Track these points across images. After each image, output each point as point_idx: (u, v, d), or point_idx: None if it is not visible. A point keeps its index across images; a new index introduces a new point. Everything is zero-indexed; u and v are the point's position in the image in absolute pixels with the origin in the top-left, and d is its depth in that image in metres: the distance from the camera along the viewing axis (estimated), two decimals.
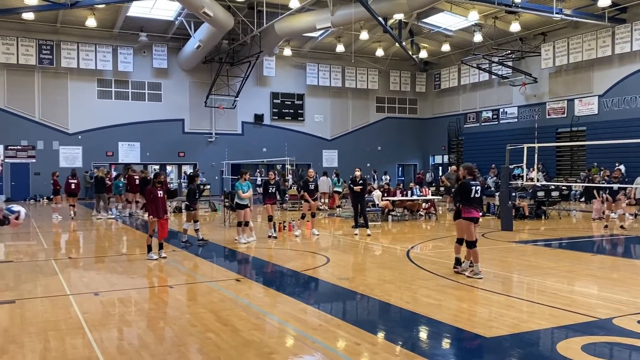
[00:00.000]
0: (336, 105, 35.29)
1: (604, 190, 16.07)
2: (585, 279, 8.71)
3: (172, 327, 6.10)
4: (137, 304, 7.21)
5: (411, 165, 38.17)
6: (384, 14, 23.96)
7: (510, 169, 16.76)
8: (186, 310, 6.78)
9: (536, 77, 29.72)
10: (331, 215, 19.56)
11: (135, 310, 6.89)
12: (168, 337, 5.76)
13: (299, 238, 13.64)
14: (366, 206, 15.26)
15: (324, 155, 34.73)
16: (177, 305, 7.08)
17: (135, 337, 5.76)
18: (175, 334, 5.84)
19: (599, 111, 26.85)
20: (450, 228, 15.61)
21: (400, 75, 36.77)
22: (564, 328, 5.90)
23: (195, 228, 12.98)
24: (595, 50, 26.32)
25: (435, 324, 6.15)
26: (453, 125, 35.31)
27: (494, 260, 10.32)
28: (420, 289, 7.88)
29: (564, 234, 14.61)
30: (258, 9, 25.27)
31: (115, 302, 7.25)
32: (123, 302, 7.28)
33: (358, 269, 9.68)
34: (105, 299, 7.32)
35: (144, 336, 5.78)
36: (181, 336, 5.74)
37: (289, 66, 33.50)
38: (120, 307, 7.01)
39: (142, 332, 5.92)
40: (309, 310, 6.82)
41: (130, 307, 7.05)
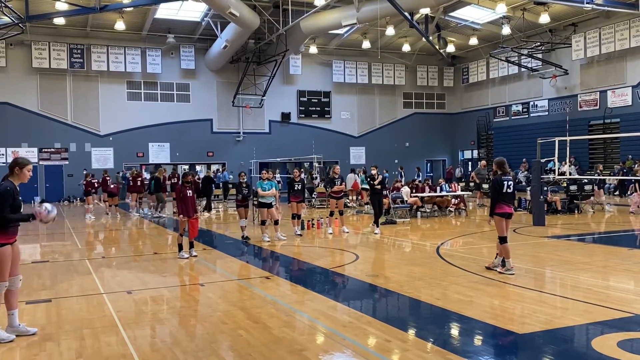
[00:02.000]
0: (363, 102, 35.18)
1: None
2: (620, 274, 8.51)
3: (203, 324, 6.17)
4: (169, 302, 7.31)
5: (440, 160, 37.83)
6: (409, 9, 23.76)
7: (542, 163, 16.48)
8: (217, 307, 6.85)
9: (567, 69, 29.13)
10: (359, 213, 19.51)
11: (167, 308, 6.99)
12: (200, 335, 5.82)
13: (331, 235, 13.63)
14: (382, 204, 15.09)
15: (352, 153, 34.67)
16: (208, 303, 7.16)
17: (167, 335, 5.84)
18: (206, 331, 5.91)
19: (633, 102, 26.19)
20: (480, 224, 15.43)
21: (428, 70, 36.44)
22: (599, 324, 5.78)
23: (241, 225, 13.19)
24: (628, 40, 25.66)
25: (466, 320, 6.09)
26: (482, 120, 34.86)
27: (526, 255, 10.16)
28: (451, 285, 7.80)
29: (598, 228, 14.30)
30: (283, 7, 25.32)
31: (147, 300, 7.36)
32: (155, 300, 7.39)
33: (387, 266, 9.64)
34: (138, 298, 7.45)
35: (176, 334, 5.86)
36: (212, 333, 5.80)
37: (315, 64, 33.52)
38: (152, 305, 7.12)
39: (174, 330, 6.00)
40: (338, 308, 6.82)
41: (163, 305, 7.15)
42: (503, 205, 8.50)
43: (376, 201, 14.10)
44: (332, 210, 14.30)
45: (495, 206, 8.54)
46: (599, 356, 4.85)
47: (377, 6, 23.50)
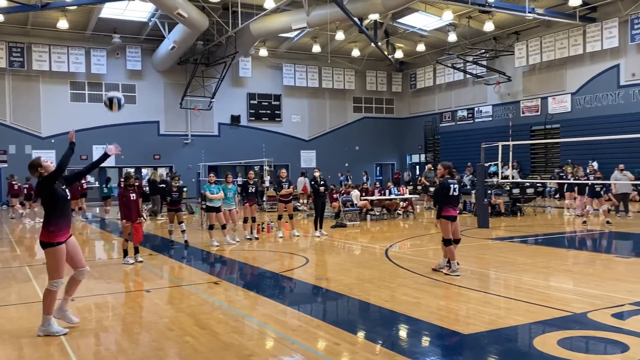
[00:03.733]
0: (313, 106, 35.30)
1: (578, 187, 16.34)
2: (561, 275, 8.84)
3: (149, 331, 6.03)
4: (113, 309, 7.10)
5: (389, 164, 38.36)
6: (359, 14, 24.03)
7: (486, 167, 16.96)
8: (163, 314, 6.70)
9: (510, 76, 30.10)
10: (310, 216, 19.54)
11: (112, 315, 6.79)
12: (145, 342, 5.68)
13: (281, 239, 13.59)
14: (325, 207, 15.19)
15: (302, 156, 34.71)
16: (154, 310, 6.99)
17: (112, 343, 5.68)
18: (152, 338, 5.77)
19: (572, 109, 27.31)
20: (427, 226, 15.72)
21: (377, 76, 36.93)
22: (541, 323, 5.97)
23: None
24: (567, 49, 26.76)
25: (414, 322, 6.18)
26: (429, 125, 35.58)
27: (471, 257, 10.41)
28: (399, 287, 7.91)
29: (540, 230, 14.81)
30: (233, 9, 25.14)
31: (91, 307, 7.13)
32: (99, 307, 7.17)
33: (337, 269, 9.68)
34: (82, 305, 7.20)
35: (121, 341, 5.70)
36: (159, 340, 5.67)
37: (265, 67, 33.41)
38: (96, 312, 6.90)
39: (119, 337, 5.84)
40: (288, 312, 6.79)
41: (107, 312, 6.94)
42: (449, 208, 8.67)
43: (319, 204, 14.12)
44: (281, 214, 14.26)
45: (442, 209, 8.71)
46: (540, 354, 5.00)
47: (327, 11, 23.65)
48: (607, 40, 25.08)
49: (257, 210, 14.59)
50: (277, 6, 23.25)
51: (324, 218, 14.73)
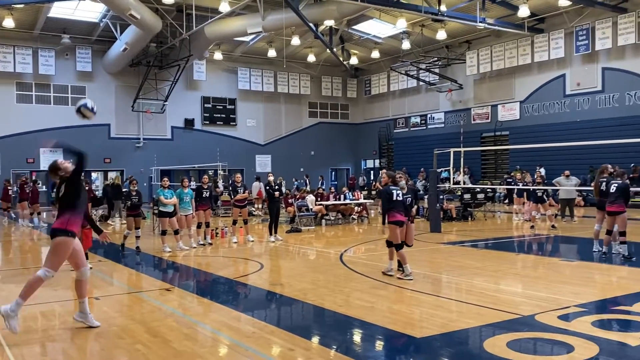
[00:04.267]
0: (269, 110, 35.20)
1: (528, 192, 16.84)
2: (510, 278, 9.07)
3: (98, 340, 5.86)
4: (60, 317, 6.87)
5: (344, 169, 38.60)
6: (314, 20, 24.16)
7: (438, 173, 17.28)
8: (113, 322, 6.53)
9: (461, 84, 30.81)
10: (265, 221, 19.44)
11: (59, 324, 6.57)
12: (94, 351, 5.53)
13: (235, 245, 13.47)
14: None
15: (257, 160, 34.54)
16: (103, 317, 6.80)
17: (59, 352, 5.49)
18: (101, 347, 5.62)
19: (521, 116, 28.16)
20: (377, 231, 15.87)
21: (332, 81, 37.15)
22: (491, 326, 6.11)
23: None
24: (516, 58, 27.59)
25: (367, 326, 6.22)
26: (383, 130, 36.01)
27: (423, 261, 10.57)
28: (353, 291, 7.95)
29: (490, 234, 15.18)
30: (187, 12, 24.84)
31: (37, 315, 6.88)
32: (46, 315, 6.92)
33: (292, 274, 9.66)
34: (27, 313, 6.92)
35: (69, 350, 5.52)
36: (108, 349, 5.53)
37: (220, 70, 33.13)
38: (43, 321, 6.66)
39: (66, 347, 5.65)
40: (242, 318, 6.73)
41: (54, 320, 6.71)
42: (395, 213, 8.78)
43: (274, 209, 14.08)
44: (236, 219, 14.14)
45: (388, 215, 8.85)
46: (490, 357, 5.12)
47: (282, 16, 23.67)
48: (554, 51, 26.01)
49: (211, 216, 14.41)
50: (233, 10, 23.13)
51: (279, 223, 14.70)
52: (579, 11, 24.57)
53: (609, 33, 23.91)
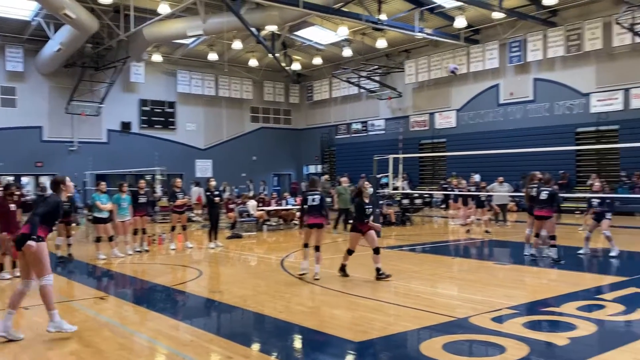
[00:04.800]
0: (210, 114, 34.73)
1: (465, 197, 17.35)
2: (446, 281, 9.31)
3: (27, 351, 5.60)
4: None
5: (286, 174, 38.57)
6: (256, 25, 24.06)
7: (378, 179, 17.53)
8: (44, 332, 6.24)
9: (401, 92, 31.43)
10: (205, 227, 19.15)
11: None
12: None
13: (173, 251, 13.19)
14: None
15: (197, 165, 33.97)
16: (33, 328, 6.51)
17: None
18: (31, 358, 5.37)
19: (457, 124, 29.00)
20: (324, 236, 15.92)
21: (275, 86, 37.07)
22: (427, 329, 6.25)
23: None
24: None
25: (307, 332, 6.23)
26: (325, 136, 36.25)
27: (363, 265, 10.68)
28: (294, 297, 7.95)
29: (427, 239, 15.52)
30: (125, 12, 24.21)
31: None
32: None
33: (232, 281, 9.55)
34: None
35: None
36: None
37: (159, 73, 32.42)
38: None
39: None
40: (179, 326, 6.60)
41: None
42: (309, 216, 9.56)
43: (214, 215, 13.90)
44: (174, 225, 13.86)
45: (304, 219, 9.71)
46: (426, 359, 5.23)
47: (224, 19, 23.43)
48: (489, 61, 26.96)
49: (149, 222, 14.05)
50: (172, 12, 22.73)
51: (219, 229, 14.52)
52: (512, 24, 25.60)
53: (540, 45, 25.03)
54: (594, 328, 6.11)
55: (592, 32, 23.25)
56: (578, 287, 8.33)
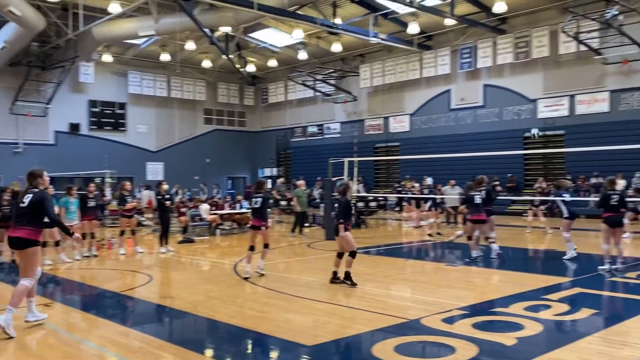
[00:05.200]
0: (161, 116, 34.11)
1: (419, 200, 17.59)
2: (399, 283, 9.40)
3: None
4: None
5: (240, 178, 38.25)
6: (210, 26, 23.80)
7: (334, 182, 17.60)
8: None
9: (356, 96, 31.67)
10: (156, 231, 18.77)
11: None
12: None
13: (123, 256, 12.86)
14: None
15: (149, 168, 33.29)
16: None
17: None
18: None
19: (410, 128, 29.42)
20: (278, 240, 15.87)
21: (229, 88, 36.75)
22: (380, 331, 6.28)
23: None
24: (406, 73, 28.83)
25: (260, 336, 6.17)
26: (281, 139, 36.16)
27: (318, 269, 10.69)
28: (246, 302, 7.87)
29: (382, 241, 15.65)
30: (74, 11, 23.53)
31: None
32: None
33: (183, 286, 9.37)
34: None
35: None
36: None
37: (109, 73, 31.64)
38: None
39: None
40: (129, 333, 6.43)
41: None
42: (252, 218, 10.06)
43: (166, 219, 13.63)
44: (123, 229, 13.52)
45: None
46: None
47: (176, 20, 23.08)
48: (441, 67, 27.49)
49: (98, 226, 13.67)
50: (124, 11, 22.24)
51: (171, 233, 14.25)
52: (463, 30, 26.18)
53: (490, 52, 25.69)
54: (540, 328, 6.27)
55: (539, 40, 24.02)
56: (525, 288, 8.55)
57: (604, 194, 10.00)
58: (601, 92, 22.90)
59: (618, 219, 9.77)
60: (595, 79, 23.05)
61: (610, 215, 9.77)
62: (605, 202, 9.81)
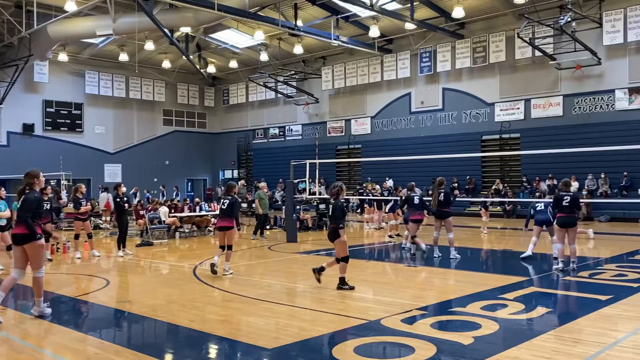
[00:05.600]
0: (120, 117, 33.46)
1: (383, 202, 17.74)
2: (359, 284, 9.44)
3: None
4: None
5: (201, 180, 37.83)
6: (169, 26, 23.46)
7: (295, 184, 17.61)
8: None
9: (317, 98, 31.76)
10: (113, 234, 18.39)
11: None
12: None
13: (79, 260, 12.55)
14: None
15: (106, 170, 32.60)
16: None
17: None
18: None
19: (372, 131, 29.69)
20: (238, 242, 15.75)
21: (189, 89, 36.33)
22: (340, 332, 6.31)
23: None
24: (367, 76, 29.10)
25: (220, 340, 6.11)
26: (242, 141, 35.94)
27: (279, 271, 10.67)
28: (207, 306, 7.79)
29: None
30: (28, 8, 22.86)
31: None
32: None
33: (141, 290, 9.21)
34: None
35: None
36: None
37: (65, 73, 30.87)
38: None
39: None
40: (84, 339, 6.27)
41: None
42: (218, 219, 10.45)
43: (124, 222, 13.39)
44: (78, 232, 13.20)
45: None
46: None
47: (135, 19, 22.67)
48: (401, 71, 27.84)
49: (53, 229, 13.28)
50: (80, 10, 21.72)
51: (129, 236, 13.98)
52: (422, 35, 26.57)
53: (449, 56, 26.15)
54: (496, 327, 6.41)
55: (496, 45, 24.60)
56: (483, 288, 8.73)
57: (556, 196, 10.30)
58: (555, 96, 23.61)
59: (570, 219, 10.06)
60: (550, 84, 23.73)
61: (561, 215, 10.08)
62: (558, 204, 10.11)
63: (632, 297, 7.87)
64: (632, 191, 21.26)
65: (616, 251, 13.08)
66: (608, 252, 12.98)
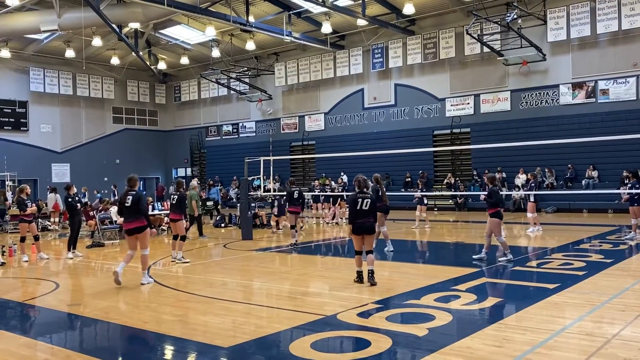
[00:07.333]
0: (67, 115, 32.47)
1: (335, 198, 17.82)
2: (316, 280, 9.50)
3: None
4: None
5: (153, 178, 37.12)
6: (118, 22, 22.93)
7: (250, 181, 17.50)
8: None
9: (271, 94, 31.64)
10: (63, 236, 17.86)
11: None
12: None
13: (26, 263, 12.13)
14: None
15: (54, 170, 31.61)
16: None
17: None
18: None
19: (325, 127, 29.79)
20: (193, 242, 15.54)
21: (139, 86, 35.57)
22: (297, 328, 6.32)
23: None
24: (320, 72, 29.17)
25: (175, 341, 6.03)
26: (195, 138, 35.46)
27: (234, 269, 10.59)
28: (161, 306, 7.66)
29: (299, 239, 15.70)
30: None
31: None
32: None
33: (93, 293, 8.98)
34: None
35: None
36: None
37: (8, 70, 29.73)
38: None
39: None
40: (33, 344, 6.07)
41: None
42: (171, 213, 11.84)
43: (76, 223, 13.02)
44: (24, 235, 12.76)
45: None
46: (295, 359, 5.28)
47: (81, 14, 22.04)
48: (354, 67, 28.03)
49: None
50: (22, 4, 20.96)
51: (79, 237, 13.60)
52: (374, 31, 26.82)
53: (400, 53, 26.49)
54: (450, 317, 6.55)
55: (446, 41, 25.07)
56: (436, 280, 8.90)
57: (492, 189, 10.68)
58: (503, 91, 24.26)
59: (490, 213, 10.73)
60: (498, 79, 24.37)
61: (500, 209, 10.71)
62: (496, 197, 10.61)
63: (578, 285, 8.18)
64: (577, 183, 22.09)
65: (562, 241, 13.56)
66: (555, 242, 13.44)
